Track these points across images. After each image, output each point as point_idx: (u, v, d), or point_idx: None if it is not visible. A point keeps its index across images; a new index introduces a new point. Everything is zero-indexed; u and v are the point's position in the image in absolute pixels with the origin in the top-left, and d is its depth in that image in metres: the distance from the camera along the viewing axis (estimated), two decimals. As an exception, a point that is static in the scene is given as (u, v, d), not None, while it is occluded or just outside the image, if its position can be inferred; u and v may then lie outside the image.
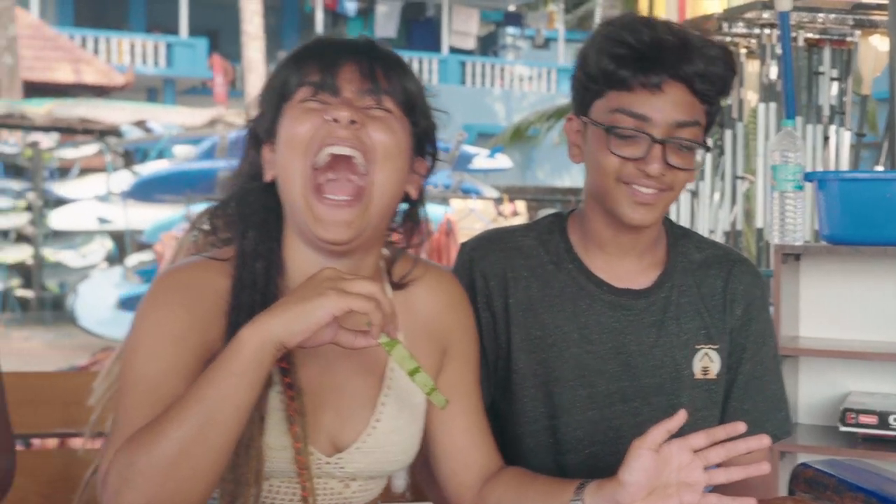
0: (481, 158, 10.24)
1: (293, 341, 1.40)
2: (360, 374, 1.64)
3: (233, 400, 1.39)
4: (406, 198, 1.68)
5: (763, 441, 1.56)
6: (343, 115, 1.52)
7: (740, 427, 1.55)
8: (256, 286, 1.56)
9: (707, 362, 1.94)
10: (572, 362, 1.91)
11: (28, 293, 13.90)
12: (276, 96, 1.60)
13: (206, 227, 1.68)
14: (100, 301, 9.82)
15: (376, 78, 1.59)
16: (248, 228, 1.61)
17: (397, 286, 1.70)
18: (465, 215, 7.03)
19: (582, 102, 1.88)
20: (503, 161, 11.54)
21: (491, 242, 1.98)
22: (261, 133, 1.63)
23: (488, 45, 29.18)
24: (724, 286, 1.97)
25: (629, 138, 1.80)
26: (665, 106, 1.79)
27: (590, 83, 1.85)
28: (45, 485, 2.07)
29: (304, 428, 1.54)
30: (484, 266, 1.94)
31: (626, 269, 1.94)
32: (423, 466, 1.82)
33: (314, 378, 1.59)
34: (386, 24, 26.64)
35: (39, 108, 14.07)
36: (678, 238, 2.01)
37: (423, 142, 1.67)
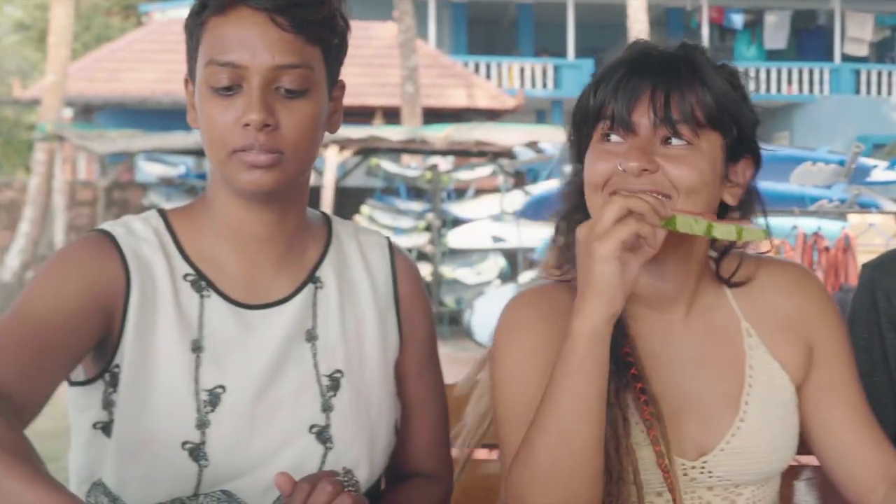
0: (879, 171, 9.70)
1: (616, 303, 1.43)
2: (720, 377, 1.62)
3: (580, 394, 1.44)
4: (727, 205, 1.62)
5: None
6: (632, 167, 1.51)
7: None
8: None
9: None
10: None
11: (429, 308, 14.53)
12: (583, 120, 1.60)
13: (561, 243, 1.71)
14: (494, 317, 10.09)
15: (672, 105, 1.52)
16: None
17: (731, 284, 1.66)
18: (864, 231, 6.68)
19: None
20: (903, 173, 10.88)
21: (893, 262, 1.90)
22: (573, 156, 1.64)
23: (884, 52, 27.71)
24: None
25: None
26: None
27: None
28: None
29: (663, 431, 1.55)
30: (887, 285, 1.86)
31: None
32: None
33: (674, 387, 1.60)
34: (775, 35, 25.92)
35: (438, 133, 14.71)
36: None
37: (739, 145, 1.59)
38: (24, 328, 1.44)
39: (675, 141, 1.52)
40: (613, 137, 1.55)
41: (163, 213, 1.66)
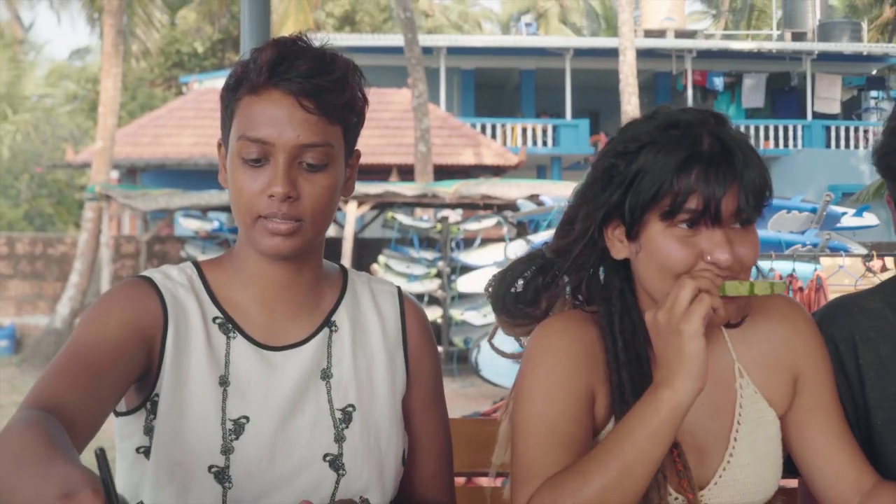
0: (848, 217, 9.74)
1: (703, 378, 1.42)
2: (714, 414, 1.62)
3: (649, 456, 1.42)
4: None
5: None
6: (727, 261, 1.47)
7: None
8: (628, 348, 1.57)
9: None
10: None
11: (438, 348, 14.48)
12: (644, 195, 1.51)
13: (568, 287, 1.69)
14: (499, 356, 10.12)
15: (750, 196, 1.50)
16: (611, 298, 1.61)
17: (729, 325, 1.62)
18: (835, 272, 6.66)
19: None
20: (870, 219, 10.90)
21: (836, 309, 1.87)
22: (609, 213, 1.57)
23: (851, 109, 27.78)
24: None
25: None
26: None
27: None
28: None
29: (691, 480, 1.54)
30: (832, 332, 1.82)
31: None
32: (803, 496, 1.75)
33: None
34: (752, 96, 26.02)
35: (448, 188, 14.75)
36: None
37: None
38: (76, 359, 1.48)
39: (743, 223, 1.51)
40: (690, 224, 1.49)
41: (196, 264, 1.70)
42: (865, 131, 26.13)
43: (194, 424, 1.56)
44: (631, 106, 18.03)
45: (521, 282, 1.69)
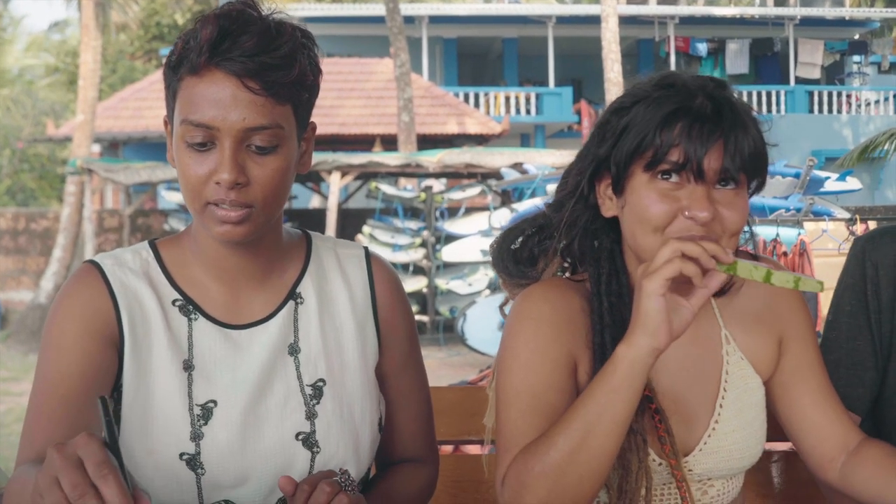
0: (831, 182, 9.78)
1: (658, 338, 1.39)
2: (700, 381, 1.61)
3: (611, 413, 1.41)
4: None
5: None
6: (704, 217, 1.45)
7: None
8: (613, 310, 1.56)
9: None
10: None
11: (424, 318, 14.48)
12: (629, 146, 1.51)
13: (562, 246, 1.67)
14: (485, 323, 10.12)
15: (736, 156, 1.47)
16: (600, 259, 1.59)
17: (718, 293, 1.61)
18: (818, 236, 6.70)
19: None
20: (853, 183, 10.93)
21: (884, 234, 1.87)
22: (599, 167, 1.57)
23: (834, 74, 27.78)
24: None
25: None
26: None
27: None
28: (441, 486, 2.12)
29: (674, 446, 1.53)
30: (876, 256, 1.83)
31: None
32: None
33: (661, 391, 1.57)
34: (736, 61, 26.00)
35: (432, 158, 14.72)
36: None
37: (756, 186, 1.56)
38: (49, 396, 1.49)
39: (729, 185, 1.48)
40: (673, 179, 1.48)
41: (153, 245, 1.64)
42: (848, 96, 26.15)
43: (161, 412, 1.52)
44: (614, 73, 17.97)
45: (520, 240, 1.69)
